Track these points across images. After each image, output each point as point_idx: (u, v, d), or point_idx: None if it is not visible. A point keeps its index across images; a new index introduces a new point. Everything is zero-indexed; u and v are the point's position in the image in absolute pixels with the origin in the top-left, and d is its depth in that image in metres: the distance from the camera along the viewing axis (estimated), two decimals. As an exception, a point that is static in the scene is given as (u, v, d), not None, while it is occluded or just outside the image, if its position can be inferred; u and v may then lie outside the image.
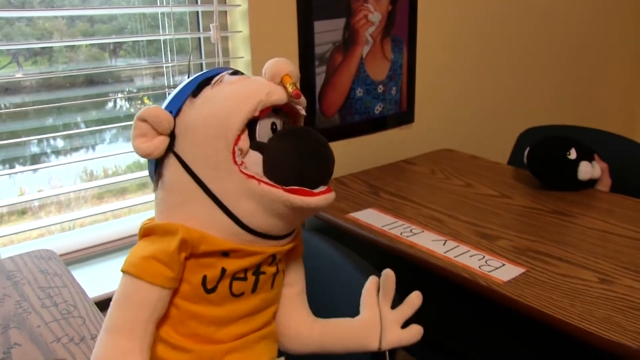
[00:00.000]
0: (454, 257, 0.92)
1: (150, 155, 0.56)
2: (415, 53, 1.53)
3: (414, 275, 1.04)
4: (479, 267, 0.89)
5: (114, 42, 1.14)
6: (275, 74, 0.56)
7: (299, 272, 0.69)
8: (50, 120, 1.09)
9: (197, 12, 1.23)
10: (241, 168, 0.54)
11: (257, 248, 0.57)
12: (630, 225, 1.05)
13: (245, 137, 0.55)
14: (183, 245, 0.54)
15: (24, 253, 0.97)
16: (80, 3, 1.08)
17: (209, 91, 0.57)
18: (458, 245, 0.96)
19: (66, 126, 1.12)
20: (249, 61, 1.24)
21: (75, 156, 1.14)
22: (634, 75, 2.41)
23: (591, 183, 1.24)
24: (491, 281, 0.85)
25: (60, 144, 1.11)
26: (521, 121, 1.95)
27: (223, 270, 0.57)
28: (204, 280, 0.56)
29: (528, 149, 1.23)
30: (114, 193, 1.21)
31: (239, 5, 1.22)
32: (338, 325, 0.67)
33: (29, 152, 1.09)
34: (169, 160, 0.57)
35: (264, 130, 0.56)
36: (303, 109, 0.60)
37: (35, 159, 1.10)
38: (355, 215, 1.10)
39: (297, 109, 0.59)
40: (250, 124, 0.55)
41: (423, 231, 1.02)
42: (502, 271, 0.88)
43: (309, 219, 1.20)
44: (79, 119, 1.13)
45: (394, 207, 1.15)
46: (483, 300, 0.94)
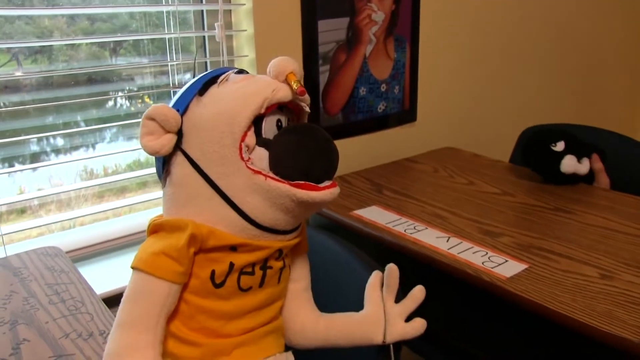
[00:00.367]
0: (458, 254, 0.93)
1: (157, 153, 0.57)
2: (417, 52, 1.54)
3: (417, 272, 1.05)
4: (482, 264, 0.90)
5: (114, 41, 1.14)
6: (280, 72, 0.57)
7: (304, 268, 0.69)
8: (50, 119, 1.09)
9: (202, 11, 1.24)
10: (248, 164, 0.55)
11: (264, 242, 0.58)
12: (630, 222, 1.05)
13: (252, 134, 0.56)
14: (192, 240, 0.55)
15: (30, 250, 0.98)
16: (83, 1, 1.08)
17: (216, 90, 0.58)
18: (461, 242, 0.97)
19: (66, 125, 1.12)
20: (253, 59, 1.25)
21: (75, 155, 1.14)
22: (634, 74, 2.42)
23: (582, 179, 1.24)
24: (494, 277, 0.86)
25: (60, 142, 1.11)
26: (523, 120, 1.96)
27: (231, 265, 0.57)
28: (212, 274, 0.57)
29: (524, 141, 1.25)
30: (114, 192, 1.21)
31: (244, 4, 1.22)
32: (343, 319, 0.68)
33: (28, 151, 1.08)
34: (177, 157, 0.58)
35: (269, 127, 0.58)
36: (307, 106, 0.61)
37: (35, 157, 1.10)
38: (360, 212, 1.11)
39: (302, 106, 0.60)
40: (256, 121, 0.56)
41: (427, 228, 1.03)
42: (505, 267, 0.88)
43: (313, 216, 1.21)
44: (79, 118, 1.13)
45: (398, 205, 1.15)
46: (485, 297, 0.94)
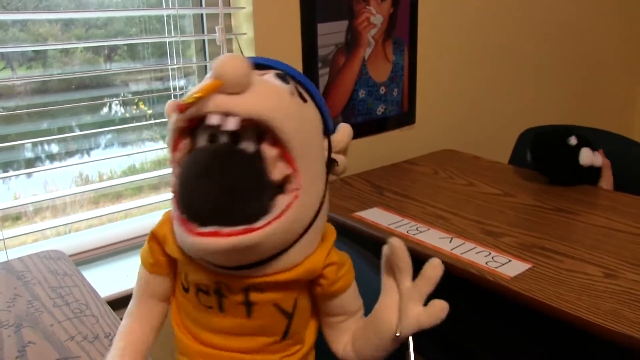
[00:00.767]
0: (461, 254, 0.93)
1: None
2: (416, 55, 1.54)
3: (418, 273, 1.05)
4: (485, 263, 0.90)
5: (108, 48, 1.13)
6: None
7: (340, 306, 0.61)
8: (44, 125, 1.08)
9: (202, 15, 1.24)
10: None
11: (198, 268, 0.54)
12: (632, 222, 1.06)
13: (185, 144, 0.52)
14: (153, 237, 0.58)
15: (33, 254, 0.97)
16: (77, 7, 1.07)
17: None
18: (464, 242, 0.98)
19: (61, 131, 1.10)
20: (253, 63, 1.25)
21: (70, 161, 1.12)
22: (633, 75, 2.44)
23: (593, 174, 1.24)
24: (498, 276, 0.86)
25: (55, 149, 1.10)
26: (521, 122, 1.97)
27: (186, 275, 0.56)
28: (184, 277, 0.57)
29: (531, 141, 1.24)
30: (110, 197, 1.21)
31: (244, 7, 1.23)
32: (363, 325, 0.61)
33: (23, 157, 1.07)
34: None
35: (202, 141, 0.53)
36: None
37: (30, 164, 1.08)
38: (361, 214, 1.11)
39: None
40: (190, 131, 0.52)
41: (429, 229, 1.03)
42: (509, 267, 0.89)
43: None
44: (74, 124, 1.12)
45: (399, 206, 1.16)
46: (487, 297, 0.95)
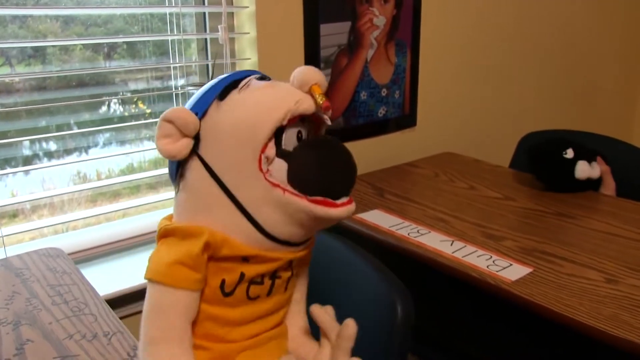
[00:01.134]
0: (462, 257, 0.93)
1: (174, 157, 0.55)
2: (418, 57, 1.54)
3: (420, 276, 1.05)
4: (486, 267, 0.90)
5: (108, 46, 1.13)
6: (304, 82, 0.56)
7: (303, 279, 0.69)
8: (43, 123, 1.08)
9: (204, 14, 1.24)
10: (267, 176, 0.54)
11: (277, 254, 0.58)
12: (632, 227, 1.06)
13: (272, 145, 0.55)
14: (207, 246, 0.55)
15: (32, 251, 0.97)
16: (76, 5, 1.06)
17: (236, 95, 0.56)
18: (465, 246, 0.97)
19: (59, 129, 1.10)
20: (255, 62, 1.25)
21: (68, 159, 1.12)
22: (633, 80, 2.44)
23: (591, 184, 1.25)
24: (500, 280, 0.86)
25: (53, 147, 1.10)
26: (523, 125, 1.97)
27: (242, 275, 0.57)
28: (222, 283, 0.57)
29: (528, 153, 1.25)
30: (107, 196, 1.20)
31: (247, 6, 1.22)
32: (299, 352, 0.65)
33: (20, 154, 1.07)
34: (193, 162, 0.56)
35: (289, 139, 0.56)
36: (329, 118, 0.60)
37: (28, 161, 1.08)
38: (363, 216, 1.11)
39: (324, 118, 0.59)
40: (276, 132, 0.55)
41: (430, 232, 1.03)
42: (510, 271, 0.89)
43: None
44: (72, 122, 1.11)
45: (400, 208, 1.15)
46: (488, 300, 0.95)
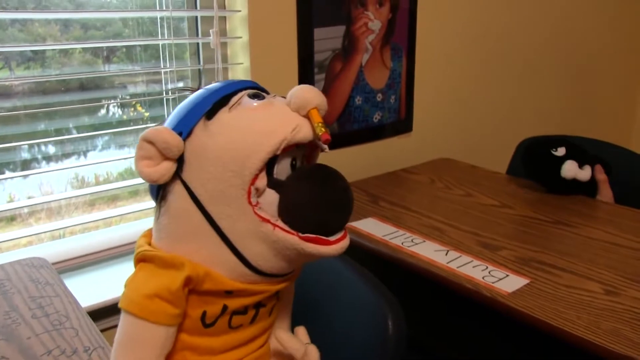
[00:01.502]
0: (457, 268, 0.90)
1: (155, 181, 0.52)
2: (414, 61, 1.52)
3: (415, 285, 1.03)
4: (482, 278, 0.87)
5: (107, 49, 1.12)
6: (302, 105, 0.51)
7: (288, 295, 0.66)
8: (42, 126, 1.07)
9: (196, 18, 1.21)
10: (256, 209, 0.50)
11: (262, 287, 0.55)
12: (632, 236, 1.04)
13: (263, 175, 0.50)
14: (188, 281, 0.51)
15: (15, 261, 0.94)
16: (75, 8, 1.06)
17: (226, 115, 0.51)
18: (460, 256, 0.95)
19: (58, 133, 1.09)
20: (247, 67, 1.23)
21: (66, 163, 1.11)
22: (633, 85, 2.42)
23: (581, 188, 1.22)
24: (496, 292, 0.83)
25: (51, 150, 1.09)
26: (520, 131, 1.95)
27: (224, 307, 0.54)
28: (203, 315, 0.54)
29: (523, 148, 1.24)
30: (106, 200, 1.18)
31: (239, 10, 1.20)
32: None
33: (19, 158, 1.06)
34: (175, 186, 0.52)
35: (283, 168, 0.52)
36: (327, 147, 0.55)
37: (26, 165, 1.07)
38: (356, 224, 1.09)
39: (321, 147, 0.55)
40: (269, 160, 0.51)
41: (424, 241, 1.01)
42: (506, 282, 0.86)
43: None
44: (71, 126, 1.10)
45: (394, 216, 1.13)
46: (485, 311, 0.92)
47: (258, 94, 0.54)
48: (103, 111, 1.15)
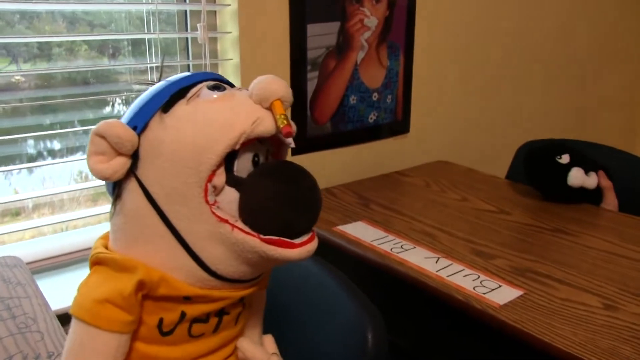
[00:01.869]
0: (447, 277, 0.86)
1: (107, 178, 0.48)
2: (412, 60, 1.48)
3: (403, 293, 0.98)
4: (473, 288, 0.82)
5: (113, 47, 1.12)
6: (265, 97, 0.48)
7: (259, 303, 0.63)
8: (47, 122, 1.07)
9: (185, 11, 1.18)
10: (213, 209, 0.47)
11: (223, 293, 0.51)
12: (634, 246, 0.99)
13: (221, 172, 0.47)
14: (141, 286, 0.48)
15: (-13, 260, 0.91)
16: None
17: (183, 107, 0.48)
18: (452, 264, 0.90)
19: (63, 127, 1.09)
20: (237, 63, 1.19)
21: (70, 158, 1.11)
22: (633, 90, 2.37)
23: (587, 196, 1.18)
24: (486, 304, 0.79)
25: (56, 145, 1.09)
26: (521, 134, 1.90)
27: (183, 314, 0.51)
28: (160, 322, 0.50)
29: (525, 155, 1.20)
30: (108, 197, 1.17)
31: (229, 4, 1.16)
32: None
33: (24, 152, 1.07)
34: (130, 183, 0.49)
35: (243, 164, 0.49)
36: (292, 141, 0.51)
37: (31, 160, 1.08)
38: (344, 228, 1.04)
39: (286, 141, 0.51)
40: (228, 156, 0.47)
41: (415, 247, 0.96)
42: (498, 293, 0.81)
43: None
44: (76, 121, 1.10)
45: (385, 220, 1.08)
46: (475, 321, 0.87)
47: (218, 85, 0.51)
48: (109, 108, 1.14)
